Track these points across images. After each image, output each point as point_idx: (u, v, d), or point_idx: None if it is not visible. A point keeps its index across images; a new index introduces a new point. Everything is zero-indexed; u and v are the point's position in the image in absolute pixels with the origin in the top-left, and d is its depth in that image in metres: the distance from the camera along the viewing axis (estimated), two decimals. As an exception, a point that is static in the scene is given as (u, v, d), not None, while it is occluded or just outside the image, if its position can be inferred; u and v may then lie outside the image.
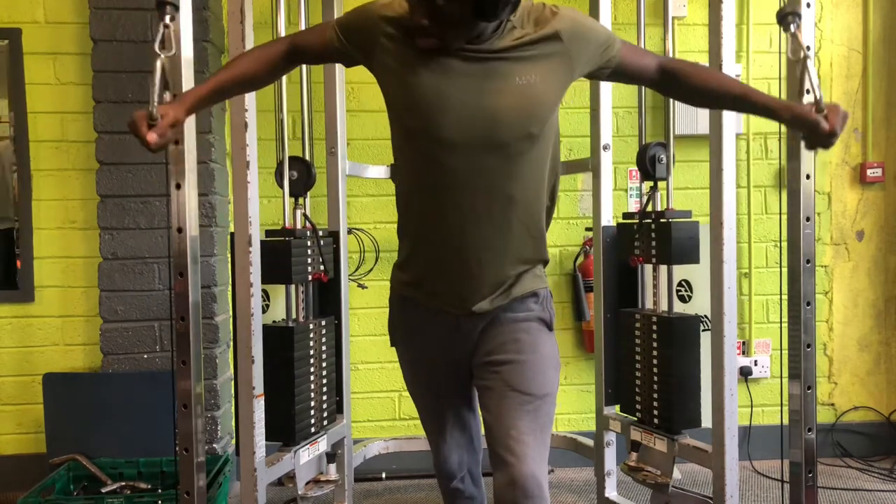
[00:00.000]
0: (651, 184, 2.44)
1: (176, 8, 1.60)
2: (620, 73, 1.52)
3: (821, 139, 1.40)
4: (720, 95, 1.51)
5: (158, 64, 1.48)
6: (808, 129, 1.41)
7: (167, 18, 1.59)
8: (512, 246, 1.46)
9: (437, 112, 1.36)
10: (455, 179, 1.39)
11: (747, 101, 1.49)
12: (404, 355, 1.66)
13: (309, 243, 2.32)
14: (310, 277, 2.33)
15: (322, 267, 2.38)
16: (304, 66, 2.51)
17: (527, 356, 1.48)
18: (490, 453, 1.45)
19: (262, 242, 2.12)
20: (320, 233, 2.37)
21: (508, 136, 1.37)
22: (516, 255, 1.48)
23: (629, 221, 2.51)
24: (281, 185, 2.32)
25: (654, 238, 2.36)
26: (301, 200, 2.38)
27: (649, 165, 2.41)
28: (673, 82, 1.53)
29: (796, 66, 1.59)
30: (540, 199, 1.49)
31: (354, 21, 1.47)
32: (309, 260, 2.32)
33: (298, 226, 2.35)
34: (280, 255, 2.20)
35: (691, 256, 2.32)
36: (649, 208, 2.42)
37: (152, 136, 1.33)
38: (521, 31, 1.39)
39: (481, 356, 1.52)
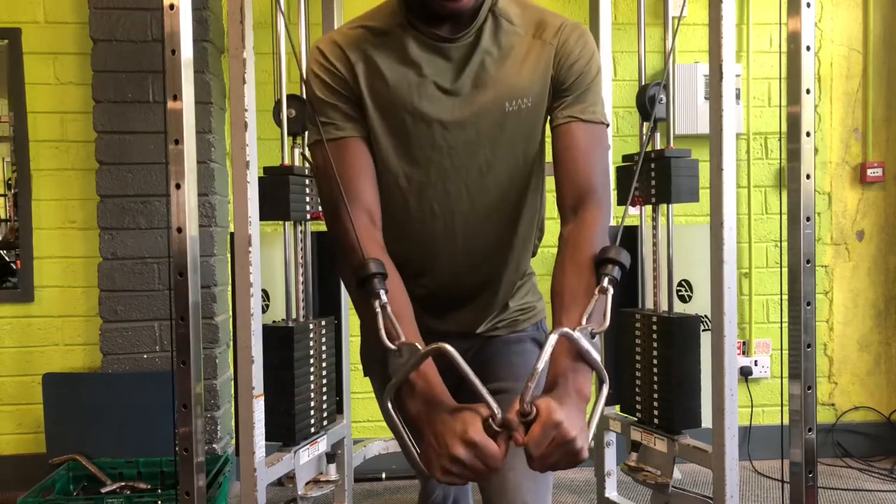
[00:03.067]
0: (650, 125, 2.39)
1: (386, 276, 1.09)
2: (555, 145, 1.20)
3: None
4: (557, 289, 1.13)
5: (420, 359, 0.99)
6: None
7: (383, 296, 1.05)
8: (510, 259, 1.29)
9: (416, 140, 1.19)
10: (446, 200, 1.21)
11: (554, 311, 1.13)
12: (380, 388, 1.44)
13: (307, 182, 2.31)
14: (308, 217, 2.31)
15: (321, 207, 2.37)
16: (303, 66, 2.50)
17: (521, 384, 1.33)
18: (483, 501, 1.29)
19: (260, 179, 2.10)
20: None
21: (501, 157, 1.20)
22: (514, 269, 1.31)
23: (628, 164, 2.48)
24: (279, 124, 2.31)
25: (653, 177, 2.32)
26: (299, 139, 2.37)
27: (648, 105, 2.34)
28: (566, 235, 1.18)
29: None
30: (532, 204, 1.30)
31: (326, 80, 1.21)
32: (307, 199, 2.30)
33: (297, 164, 2.34)
34: (278, 191, 2.18)
35: (691, 195, 2.28)
36: (649, 148, 2.37)
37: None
38: (516, 31, 1.20)
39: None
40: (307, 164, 2.35)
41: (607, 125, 1.23)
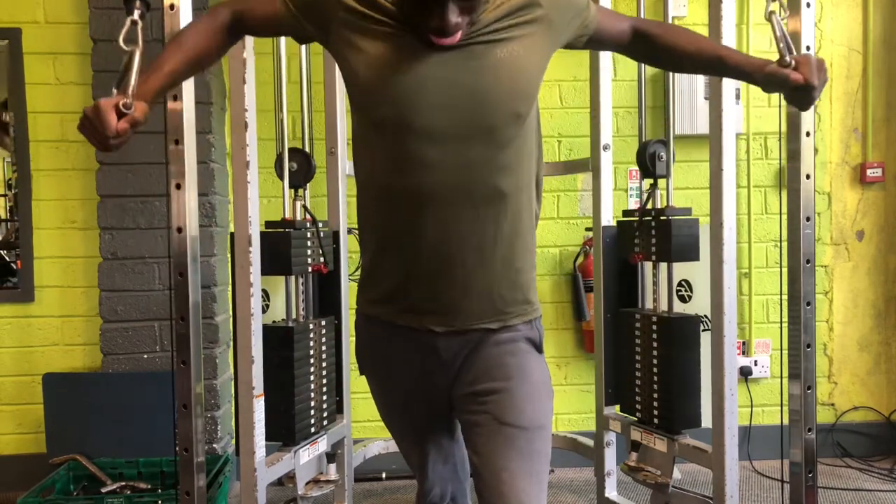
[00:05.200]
0: (651, 181, 2.44)
1: (147, 6, 1.43)
2: (597, 41, 1.41)
3: (799, 94, 1.29)
4: (694, 58, 1.41)
5: (126, 59, 1.31)
6: (780, 85, 1.29)
7: (136, 14, 1.42)
8: (501, 247, 1.28)
9: (412, 94, 1.20)
10: (435, 173, 1.22)
11: (724, 64, 1.39)
12: (375, 386, 1.47)
13: (309, 235, 2.32)
14: (310, 269, 2.32)
15: (322, 259, 2.38)
16: (303, 66, 2.51)
17: (515, 383, 1.31)
18: (480, 501, 1.29)
19: (262, 234, 2.12)
20: (320, 224, 2.37)
21: (494, 117, 1.22)
22: (506, 257, 1.30)
23: (629, 219, 2.51)
24: (281, 177, 2.32)
25: (654, 236, 2.36)
26: (301, 192, 2.39)
27: (649, 163, 2.42)
28: (644, 44, 1.44)
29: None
30: (528, 194, 1.32)
31: None
32: (309, 252, 2.31)
33: (298, 217, 2.35)
34: (280, 247, 2.20)
35: (691, 254, 2.32)
36: (649, 206, 2.42)
37: (123, 125, 1.17)
38: (496, 1, 1.25)
39: (463, 386, 1.34)
40: (309, 217, 2.36)
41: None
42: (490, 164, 1.24)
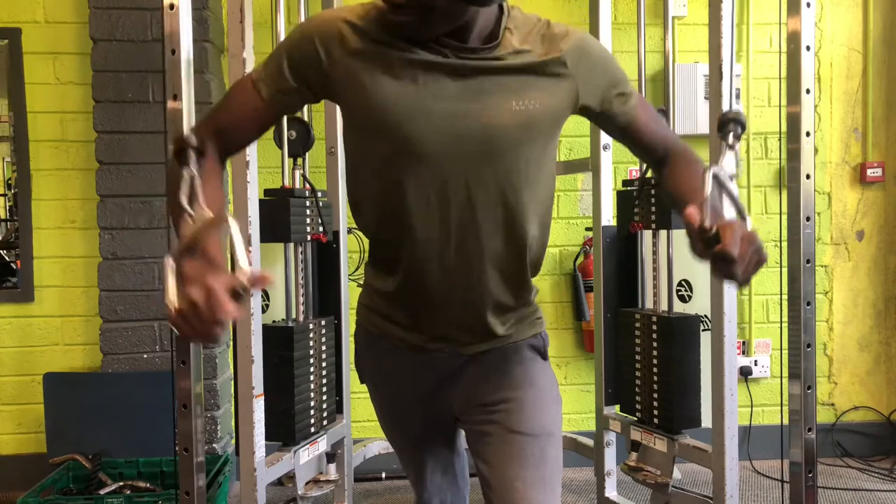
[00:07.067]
0: None
1: (202, 154, 1.10)
2: (627, 133, 1.32)
3: (719, 264, 0.98)
4: (677, 189, 1.25)
5: (200, 224, 1.00)
6: (698, 245, 1.01)
7: (193, 167, 1.06)
8: (509, 279, 1.25)
9: (419, 129, 1.15)
10: (440, 200, 1.18)
11: (681, 209, 1.15)
12: (375, 396, 1.44)
13: (308, 203, 2.31)
14: (308, 238, 2.32)
15: (321, 228, 2.38)
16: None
17: (524, 391, 1.29)
18: None
19: (261, 201, 2.12)
20: (319, 193, 2.36)
21: (501, 151, 1.17)
22: (514, 288, 1.27)
23: (629, 189, 2.50)
24: (280, 146, 2.32)
25: (653, 203, 2.35)
26: (299, 161, 2.39)
27: None
28: (666, 166, 1.32)
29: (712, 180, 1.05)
30: (537, 223, 1.26)
31: (300, 51, 1.18)
32: (308, 220, 2.31)
33: (297, 186, 2.36)
34: (279, 214, 2.20)
35: None
36: (649, 174, 2.40)
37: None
38: (524, 47, 1.19)
39: (469, 397, 1.32)
40: (308, 186, 2.36)
41: None
42: (496, 198, 1.20)
